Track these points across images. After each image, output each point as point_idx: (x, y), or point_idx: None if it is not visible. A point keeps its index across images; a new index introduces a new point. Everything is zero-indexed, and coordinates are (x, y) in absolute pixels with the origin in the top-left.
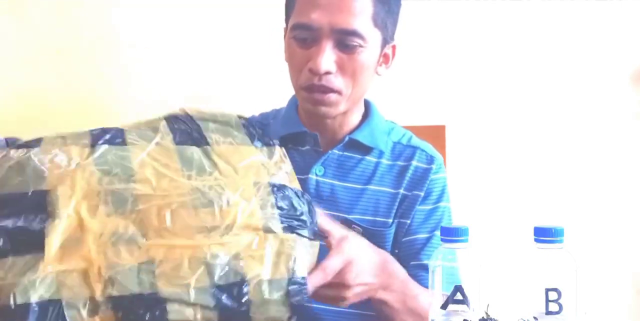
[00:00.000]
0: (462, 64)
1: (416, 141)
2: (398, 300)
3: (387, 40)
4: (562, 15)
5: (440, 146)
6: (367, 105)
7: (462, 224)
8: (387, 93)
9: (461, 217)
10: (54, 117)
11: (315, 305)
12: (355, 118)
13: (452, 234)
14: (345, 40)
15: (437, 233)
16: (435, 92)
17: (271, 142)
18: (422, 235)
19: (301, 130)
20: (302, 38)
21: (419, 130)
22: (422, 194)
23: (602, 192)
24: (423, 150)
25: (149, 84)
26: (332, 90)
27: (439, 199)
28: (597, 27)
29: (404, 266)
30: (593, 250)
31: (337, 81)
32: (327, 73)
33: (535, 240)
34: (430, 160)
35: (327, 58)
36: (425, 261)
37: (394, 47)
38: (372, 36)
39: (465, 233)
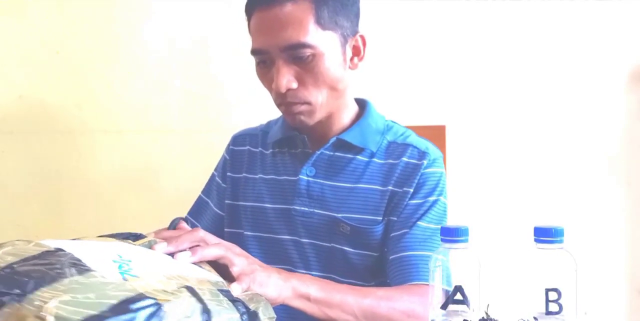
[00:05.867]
0: (462, 64)
1: (412, 139)
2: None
3: (346, 35)
4: (562, 15)
5: (440, 146)
6: (364, 105)
7: (462, 224)
8: (388, 93)
9: (461, 217)
10: (54, 117)
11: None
12: (345, 118)
13: (452, 234)
14: (295, 54)
15: (422, 224)
16: (435, 92)
17: None
18: (405, 230)
19: (292, 134)
20: (261, 62)
21: (419, 130)
22: (411, 190)
23: (602, 192)
24: (415, 147)
25: (149, 85)
26: (301, 103)
27: (430, 193)
28: (597, 27)
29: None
30: (593, 250)
31: (301, 94)
32: (289, 90)
33: (535, 240)
34: (422, 155)
35: (284, 76)
36: (401, 253)
37: (362, 37)
38: (323, 40)
39: (465, 233)
